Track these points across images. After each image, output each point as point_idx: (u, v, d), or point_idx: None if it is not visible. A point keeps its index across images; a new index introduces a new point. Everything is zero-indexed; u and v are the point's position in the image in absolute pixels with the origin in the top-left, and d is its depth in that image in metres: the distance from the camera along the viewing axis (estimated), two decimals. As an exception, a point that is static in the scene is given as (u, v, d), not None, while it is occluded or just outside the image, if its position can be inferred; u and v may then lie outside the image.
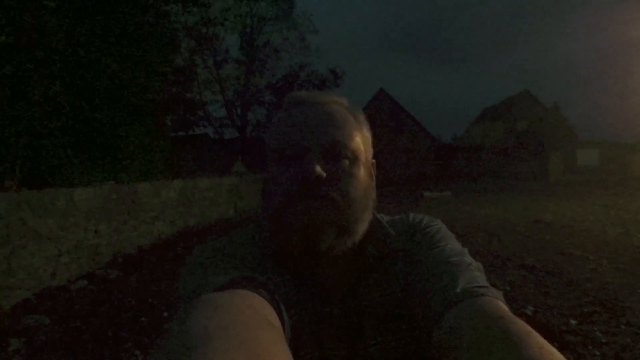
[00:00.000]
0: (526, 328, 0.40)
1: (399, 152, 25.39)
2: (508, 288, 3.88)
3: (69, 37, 6.07)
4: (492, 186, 19.07)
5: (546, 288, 3.87)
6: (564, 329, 2.94)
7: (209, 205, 9.33)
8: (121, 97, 7.28)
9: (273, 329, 0.36)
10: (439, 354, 0.48)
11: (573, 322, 3.04)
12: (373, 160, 0.67)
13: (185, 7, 9.35)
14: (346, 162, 0.59)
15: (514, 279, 4.22)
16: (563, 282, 4.03)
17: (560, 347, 2.58)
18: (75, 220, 4.68)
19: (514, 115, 28.52)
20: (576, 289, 3.83)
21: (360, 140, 0.62)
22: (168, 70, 8.85)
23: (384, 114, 25.06)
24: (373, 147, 0.68)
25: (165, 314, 3.51)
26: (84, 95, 6.48)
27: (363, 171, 0.61)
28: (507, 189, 17.46)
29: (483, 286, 0.51)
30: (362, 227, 0.60)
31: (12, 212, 3.75)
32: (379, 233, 0.65)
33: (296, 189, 0.56)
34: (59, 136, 5.83)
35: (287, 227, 0.56)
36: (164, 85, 9.22)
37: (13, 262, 3.71)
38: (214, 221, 9.24)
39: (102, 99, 6.86)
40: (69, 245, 4.54)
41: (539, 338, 0.39)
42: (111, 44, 6.87)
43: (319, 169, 0.55)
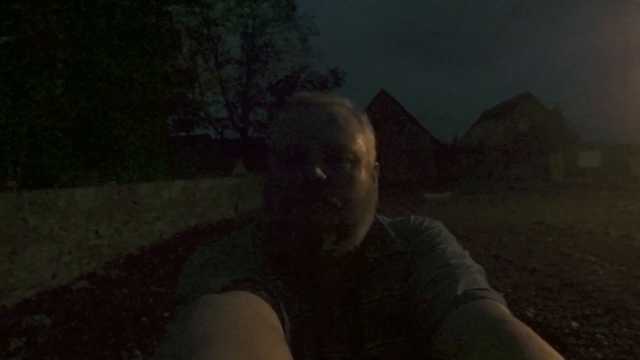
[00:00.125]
0: (527, 330, 0.40)
1: (400, 154, 25.39)
2: (509, 290, 3.87)
3: (70, 38, 6.09)
4: (494, 188, 19.06)
5: (547, 290, 3.86)
6: (566, 331, 2.93)
7: (210, 206, 9.34)
8: (123, 98, 7.30)
9: (273, 330, 0.36)
10: (440, 357, 0.47)
11: (574, 325, 3.03)
12: (376, 163, 0.67)
13: (189, 5, 9.38)
14: (348, 165, 0.58)
15: (515, 281, 4.21)
16: (564, 284, 4.02)
17: (561, 350, 2.57)
18: (76, 221, 4.69)
19: (515, 117, 28.51)
20: (577, 291, 3.82)
21: (363, 142, 0.62)
22: (169, 71, 8.86)
23: (385, 115, 25.07)
24: (375, 149, 0.67)
25: (166, 314, 3.51)
26: (85, 96, 6.50)
27: (365, 174, 0.61)
28: (509, 190, 17.44)
29: (484, 288, 0.51)
30: (363, 230, 0.60)
31: (14, 212, 3.76)
32: (380, 235, 0.65)
33: (297, 191, 0.56)
34: (61, 137, 5.85)
35: (288, 230, 0.56)
36: (165, 86, 9.24)
37: (14, 262, 3.72)
38: (215, 222, 9.25)
39: (104, 99, 6.88)
40: (70, 245, 4.55)
41: (540, 340, 0.38)
42: (113, 45, 6.89)
43: (319, 171, 0.55)
